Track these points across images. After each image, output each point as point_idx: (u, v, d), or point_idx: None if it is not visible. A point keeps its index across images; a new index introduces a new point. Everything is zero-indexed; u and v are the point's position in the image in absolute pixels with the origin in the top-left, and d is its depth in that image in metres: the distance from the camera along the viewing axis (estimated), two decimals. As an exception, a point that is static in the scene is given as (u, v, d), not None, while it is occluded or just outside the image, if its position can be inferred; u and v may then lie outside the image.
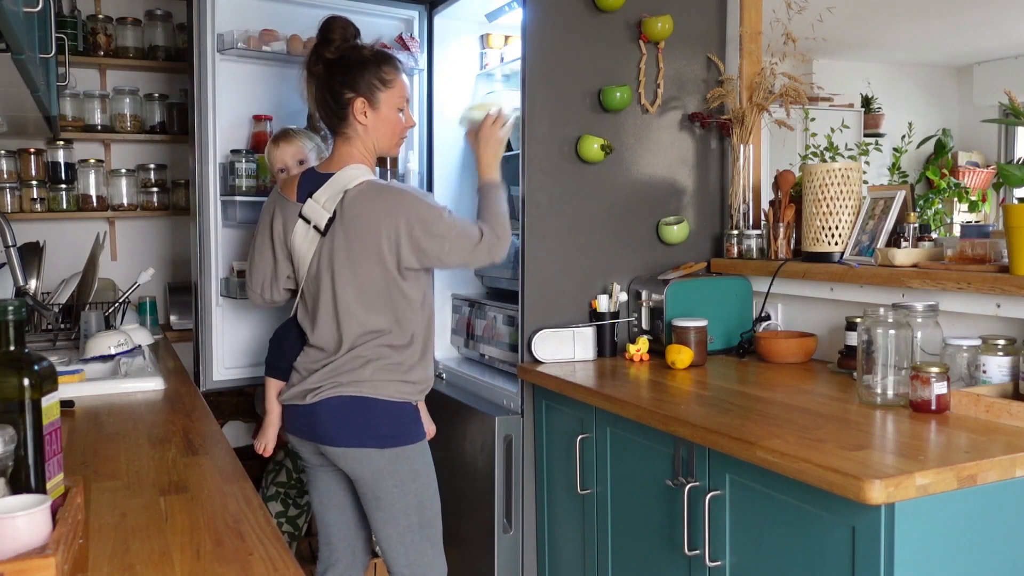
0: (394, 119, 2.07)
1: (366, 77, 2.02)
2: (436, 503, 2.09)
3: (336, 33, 2.05)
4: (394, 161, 2.85)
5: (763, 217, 2.56)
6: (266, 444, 2.26)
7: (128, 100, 3.54)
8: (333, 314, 2.01)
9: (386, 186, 2.02)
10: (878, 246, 2.19)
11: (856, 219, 2.30)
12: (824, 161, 5.36)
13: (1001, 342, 1.79)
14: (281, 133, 2.56)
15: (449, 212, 2.03)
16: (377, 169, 2.20)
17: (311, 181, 2.05)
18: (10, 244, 2.53)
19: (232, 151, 2.74)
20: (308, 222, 2.01)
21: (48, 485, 1.16)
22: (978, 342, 1.82)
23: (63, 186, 3.44)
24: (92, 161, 3.50)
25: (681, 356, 2.26)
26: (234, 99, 2.79)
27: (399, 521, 2.02)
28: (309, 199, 2.02)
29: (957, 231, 5.48)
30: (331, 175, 2.02)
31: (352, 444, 1.99)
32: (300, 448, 2.15)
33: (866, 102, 6.43)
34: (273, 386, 2.22)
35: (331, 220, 1.98)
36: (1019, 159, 5.84)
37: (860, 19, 5.05)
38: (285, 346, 2.19)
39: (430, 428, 2.26)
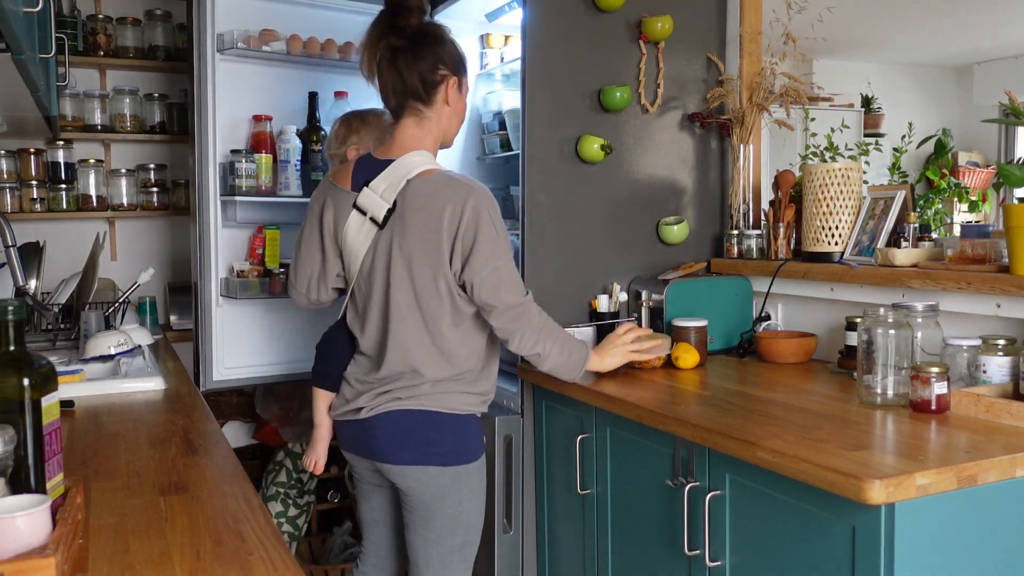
0: (464, 108, 1.96)
1: (457, 56, 1.88)
2: (482, 521, 1.97)
3: (414, 2, 1.85)
4: None
5: (763, 217, 2.56)
6: (316, 461, 2.12)
7: (128, 100, 3.54)
8: (382, 317, 1.85)
9: (457, 176, 1.85)
10: (878, 246, 2.19)
11: (856, 219, 2.30)
12: (824, 161, 5.35)
13: (1001, 342, 1.79)
14: (369, 113, 2.37)
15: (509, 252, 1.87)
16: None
17: (368, 168, 1.87)
18: (10, 244, 2.53)
19: (232, 151, 2.74)
20: (364, 213, 1.83)
21: (48, 485, 1.16)
22: (978, 342, 1.82)
23: (63, 186, 3.44)
24: (92, 161, 3.50)
25: (687, 356, 2.26)
26: (234, 99, 2.78)
27: (444, 541, 1.90)
28: (365, 188, 1.84)
29: (957, 231, 5.48)
30: (391, 161, 1.85)
31: (413, 462, 1.84)
32: (356, 465, 2.02)
33: (866, 102, 6.43)
34: (322, 398, 2.05)
35: (390, 211, 1.81)
36: (1019, 159, 5.84)
37: (860, 19, 5.05)
38: (334, 353, 2.02)
39: None
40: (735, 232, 2.59)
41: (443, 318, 1.84)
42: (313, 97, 2.87)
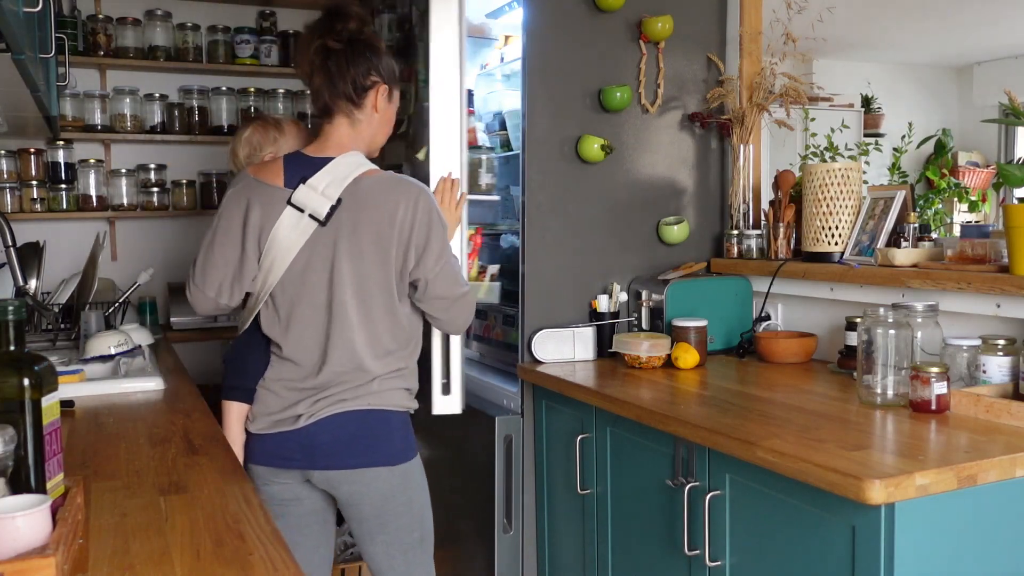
0: (393, 119, 1.92)
1: (390, 66, 1.87)
2: (431, 511, 1.96)
3: (355, 10, 1.85)
4: None
5: (763, 217, 2.56)
6: None
7: (128, 100, 3.54)
8: (323, 316, 1.80)
9: (406, 177, 1.86)
10: (878, 246, 2.19)
11: (856, 219, 2.30)
12: (824, 161, 5.36)
13: (1001, 342, 1.79)
14: (281, 120, 2.25)
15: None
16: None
17: (302, 165, 1.82)
18: (10, 244, 2.53)
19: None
20: (301, 211, 1.78)
21: (48, 485, 1.16)
22: (978, 342, 1.82)
23: (63, 186, 3.44)
24: (92, 161, 3.50)
25: (687, 356, 2.26)
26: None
27: (403, 540, 1.87)
28: (302, 185, 1.78)
29: (957, 231, 5.48)
30: (329, 159, 1.81)
31: (361, 464, 1.80)
32: (274, 480, 1.85)
33: (866, 102, 6.43)
34: (236, 412, 1.88)
35: (333, 208, 1.77)
36: (1019, 159, 5.84)
37: (860, 19, 5.05)
38: (251, 363, 1.88)
39: None
40: (735, 232, 2.59)
41: (386, 314, 1.83)
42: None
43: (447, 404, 2.18)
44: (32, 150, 3.40)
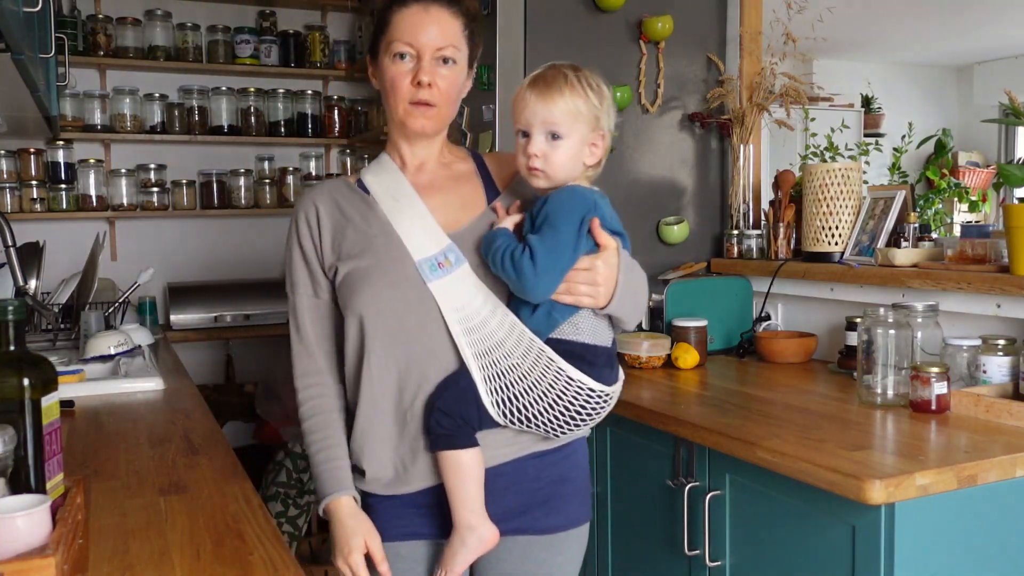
0: (390, 73, 1.40)
1: (375, 23, 1.47)
2: None
3: None
4: None
5: (763, 217, 2.56)
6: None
7: (128, 100, 3.54)
8: None
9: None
10: (878, 246, 2.19)
11: (856, 219, 2.30)
12: (824, 161, 5.35)
13: (1001, 342, 1.79)
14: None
15: None
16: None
17: None
18: (10, 244, 2.52)
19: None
20: None
21: (48, 485, 1.16)
22: (978, 342, 1.82)
23: (63, 186, 3.44)
24: (92, 161, 3.50)
25: (687, 356, 2.26)
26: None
27: None
28: None
29: (957, 231, 5.48)
30: None
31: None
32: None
33: (866, 102, 6.44)
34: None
35: None
36: (1019, 159, 5.85)
37: (860, 19, 5.05)
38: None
39: None
40: (735, 232, 2.59)
41: None
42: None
43: None
44: (32, 150, 3.40)
